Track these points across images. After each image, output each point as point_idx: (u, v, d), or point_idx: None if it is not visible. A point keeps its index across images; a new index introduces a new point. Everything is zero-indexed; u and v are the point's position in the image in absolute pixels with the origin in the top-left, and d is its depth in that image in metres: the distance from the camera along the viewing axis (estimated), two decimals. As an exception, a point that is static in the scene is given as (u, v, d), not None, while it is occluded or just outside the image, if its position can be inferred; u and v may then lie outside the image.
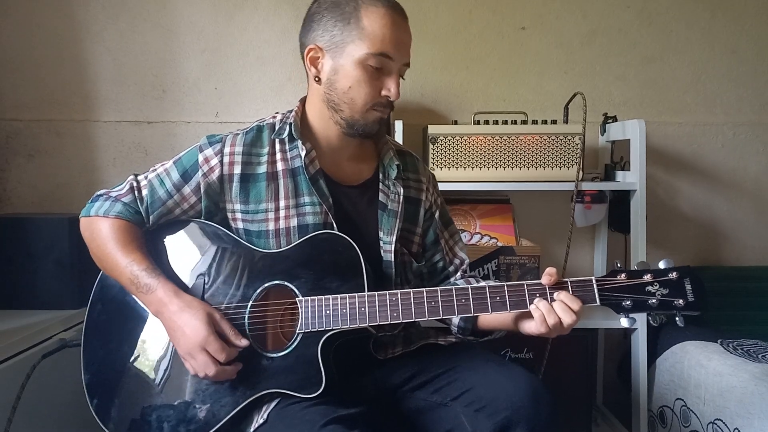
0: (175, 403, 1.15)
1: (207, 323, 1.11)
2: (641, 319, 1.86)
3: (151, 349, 1.20)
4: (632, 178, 1.88)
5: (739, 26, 2.20)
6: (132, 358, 1.20)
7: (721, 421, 1.61)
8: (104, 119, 2.15)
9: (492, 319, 1.23)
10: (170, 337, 1.15)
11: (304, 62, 1.22)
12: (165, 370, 1.18)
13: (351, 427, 1.01)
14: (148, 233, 1.24)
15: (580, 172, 1.87)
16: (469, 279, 1.35)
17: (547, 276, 1.10)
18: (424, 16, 2.17)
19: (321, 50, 1.18)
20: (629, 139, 1.90)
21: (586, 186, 1.92)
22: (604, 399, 2.21)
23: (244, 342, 1.13)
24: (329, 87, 1.19)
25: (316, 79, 1.21)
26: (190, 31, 2.15)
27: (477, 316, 1.25)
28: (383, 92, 1.17)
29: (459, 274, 1.35)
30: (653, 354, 1.91)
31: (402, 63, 1.18)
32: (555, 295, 1.09)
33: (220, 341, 1.11)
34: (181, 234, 1.25)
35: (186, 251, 1.24)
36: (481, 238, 2.00)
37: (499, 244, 1.97)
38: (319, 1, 1.20)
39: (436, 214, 1.36)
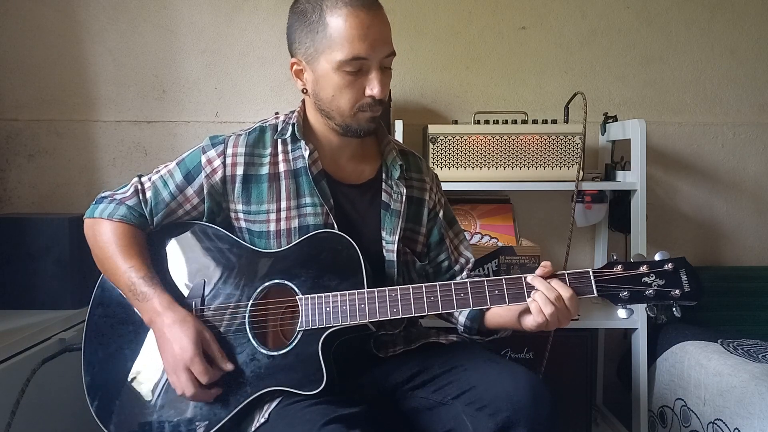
0: (176, 404, 1.15)
1: (195, 342, 1.11)
2: (642, 319, 1.86)
3: (152, 351, 1.19)
4: (632, 178, 1.89)
5: (739, 26, 2.20)
6: (133, 361, 1.20)
7: (721, 421, 1.61)
8: (104, 119, 2.15)
9: (497, 317, 1.23)
10: (159, 349, 1.15)
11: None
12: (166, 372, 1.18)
13: (351, 426, 1.01)
14: (149, 235, 1.24)
15: (581, 172, 1.87)
16: (473, 277, 1.34)
17: (542, 268, 1.11)
18: (424, 16, 2.17)
19: (301, 62, 1.18)
20: (629, 139, 1.90)
21: (587, 186, 1.92)
22: (604, 399, 2.21)
23: (229, 366, 1.13)
24: (315, 97, 1.19)
25: (304, 90, 1.21)
26: (190, 31, 2.15)
27: (483, 315, 1.26)
28: (367, 92, 1.14)
29: (465, 273, 1.36)
30: (653, 354, 1.91)
31: (381, 57, 1.13)
32: (549, 281, 1.10)
33: (205, 364, 1.11)
34: (182, 236, 1.25)
35: (186, 253, 1.24)
36: (481, 238, 2.00)
37: (500, 244, 1.97)
38: (292, 10, 1.19)
39: (440, 214, 1.36)
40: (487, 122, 1.94)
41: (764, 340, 1.83)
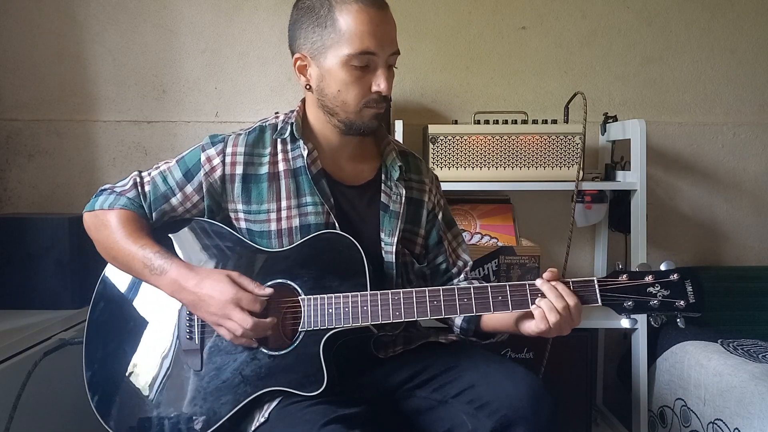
0: (176, 401, 1.15)
1: (231, 283, 1.12)
2: (642, 319, 1.86)
3: (152, 347, 1.20)
4: (632, 178, 1.89)
5: (739, 26, 2.20)
6: (133, 356, 1.20)
7: (721, 421, 1.61)
8: (104, 119, 2.15)
9: (494, 320, 1.23)
10: (196, 312, 1.14)
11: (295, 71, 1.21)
12: (166, 369, 1.18)
13: (351, 426, 1.01)
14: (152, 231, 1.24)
15: (581, 172, 1.87)
16: (472, 281, 1.34)
17: (550, 272, 1.11)
18: (424, 16, 2.17)
19: (306, 58, 1.18)
20: (629, 139, 1.90)
21: (587, 186, 1.92)
22: (604, 399, 2.21)
23: (268, 290, 1.13)
24: (320, 93, 1.18)
25: (307, 87, 1.21)
26: (190, 31, 2.15)
27: (480, 318, 1.26)
28: (373, 88, 1.15)
29: (462, 275, 1.35)
30: (653, 354, 1.91)
31: (388, 54, 1.15)
32: (556, 286, 1.09)
33: (250, 293, 1.11)
34: (185, 232, 1.25)
35: (189, 250, 1.23)
36: (481, 238, 2.00)
37: (500, 244, 1.97)
38: (297, 7, 1.19)
39: (439, 216, 1.35)
40: (487, 122, 1.94)
41: (764, 340, 1.83)
